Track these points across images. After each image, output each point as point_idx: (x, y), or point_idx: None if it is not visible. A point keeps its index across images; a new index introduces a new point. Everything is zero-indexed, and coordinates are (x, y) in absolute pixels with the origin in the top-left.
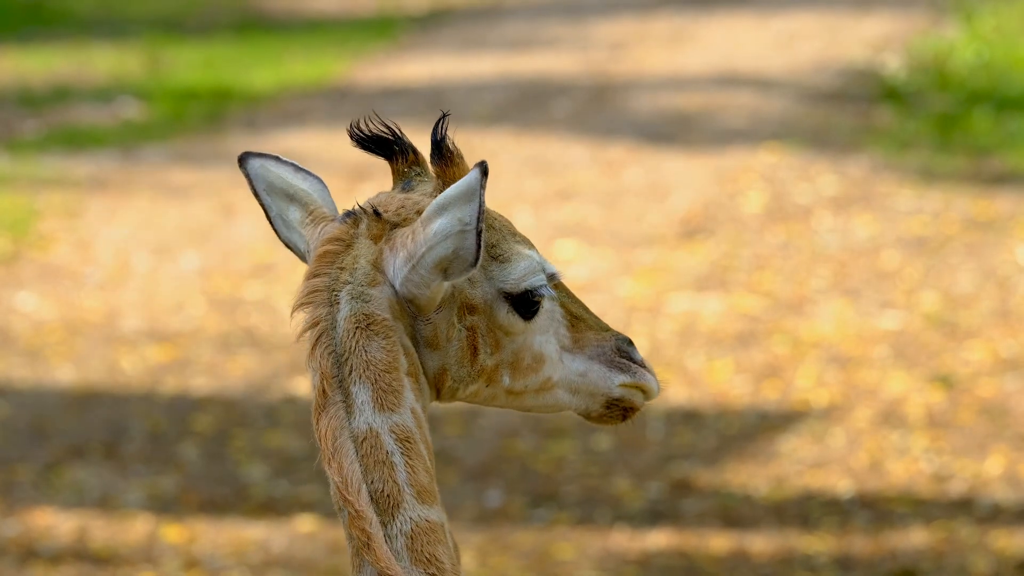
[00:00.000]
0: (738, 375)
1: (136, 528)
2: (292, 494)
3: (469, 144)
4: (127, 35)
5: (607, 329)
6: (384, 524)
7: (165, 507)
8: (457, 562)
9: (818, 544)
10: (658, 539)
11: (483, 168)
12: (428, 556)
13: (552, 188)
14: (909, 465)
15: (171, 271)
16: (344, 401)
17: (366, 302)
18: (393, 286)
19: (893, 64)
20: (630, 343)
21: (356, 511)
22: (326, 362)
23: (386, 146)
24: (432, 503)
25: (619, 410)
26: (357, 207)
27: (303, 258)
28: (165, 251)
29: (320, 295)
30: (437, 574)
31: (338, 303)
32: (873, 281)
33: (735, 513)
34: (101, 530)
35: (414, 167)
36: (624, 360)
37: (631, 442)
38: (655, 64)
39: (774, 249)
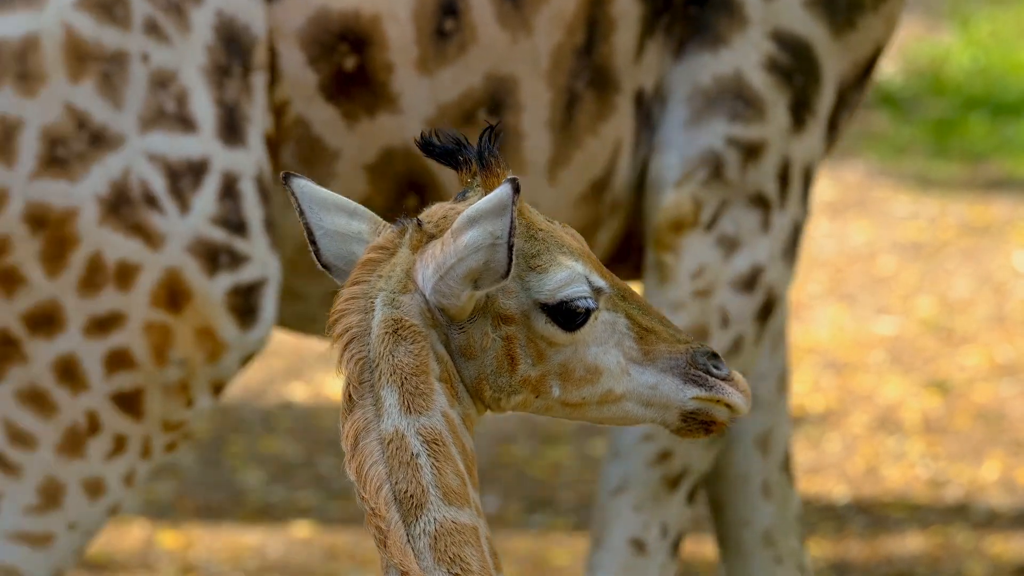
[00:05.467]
0: None
1: (132, 534)
2: (288, 500)
3: None
4: None
5: (685, 342)
6: (408, 524)
7: (161, 513)
8: (493, 568)
9: (814, 549)
10: None
11: (515, 184)
12: (452, 556)
13: None
14: (905, 470)
15: None
16: (375, 405)
17: (396, 308)
18: (424, 295)
19: (888, 69)
20: (713, 356)
21: (372, 508)
22: (353, 368)
23: (451, 157)
24: (462, 505)
25: (698, 423)
26: (404, 216)
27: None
28: None
29: (356, 302)
30: (461, 574)
31: (373, 310)
32: (869, 286)
33: None
34: (97, 536)
35: (476, 178)
36: (700, 373)
37: None
38: None
39: None
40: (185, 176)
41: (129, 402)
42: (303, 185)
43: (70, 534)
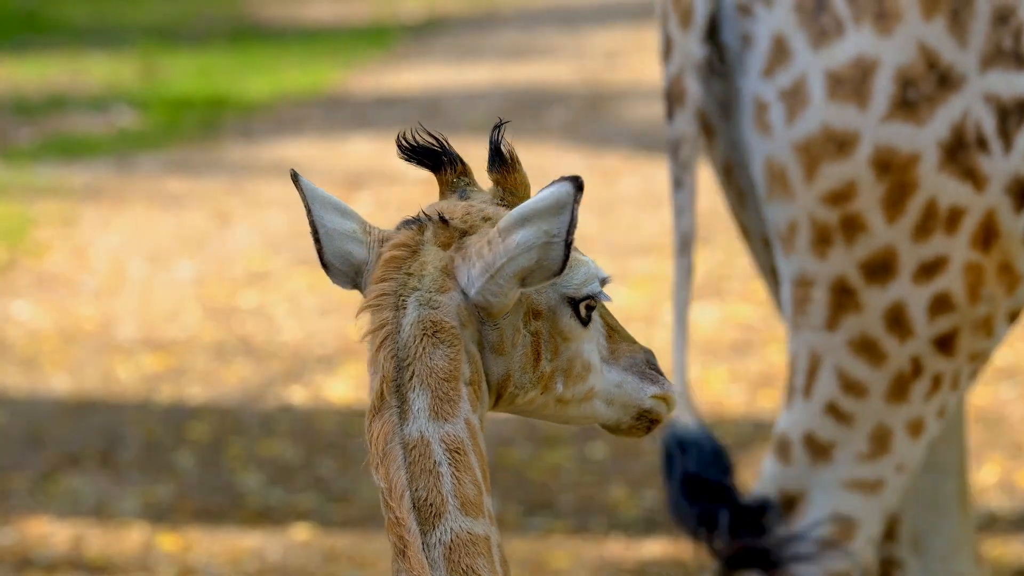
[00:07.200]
0: (734, 384)
1: (132, 537)
2: (287, 503)
3: (464, 153)
4: (122, 44)
5: (635, 342)
6: (424, 532)
7: (160, 516)
8: None
9: None
10: (653, 548)
11: (578, 183)
12: (466, 567)
13: None
14: None
15: (166, 279)
16: (399, 407)
17: (435, 308)
18: (465, 293)
19: None
20: (654, 355)
21: (396, 518)
22: (389, 366)
23: (434, 157)
24: (477, 516)
25: (646, 422)
26: (422, 214)
27: (348, 273)
28: (160, 259)
29: (387, 299)
30: None
31: (405, 308)
32: None
33: None
34: (97, 538)
35: (462, 177)
36: (653, 372)
37: (626, 451)
38: (650, 73)
39: None
40: (1013, 115)
41: (946, 343)
42: (308, 185)
43: (897, 477)
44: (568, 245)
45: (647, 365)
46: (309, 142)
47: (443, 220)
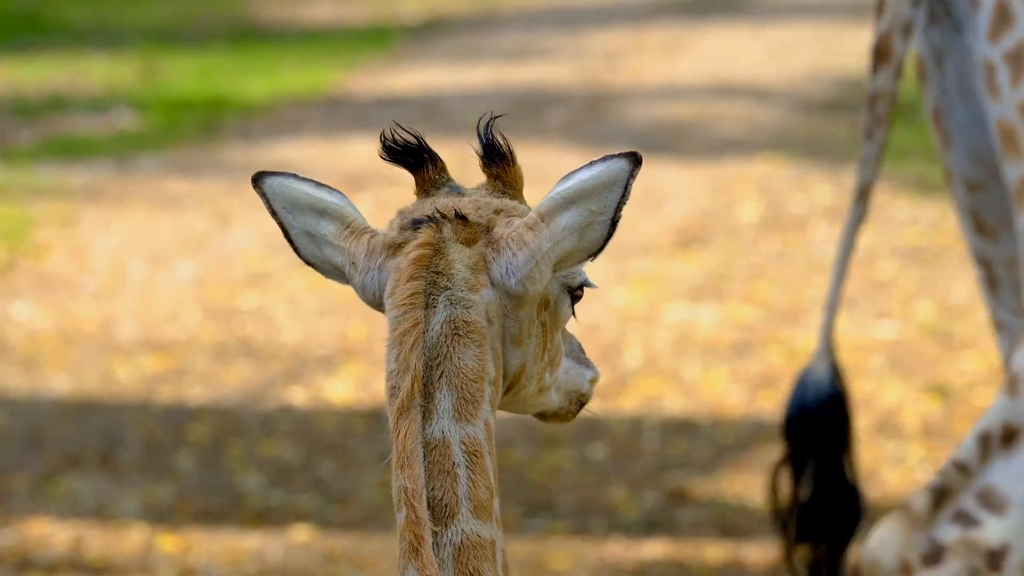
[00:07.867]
0: (734, 385)
1: (132, 538)
2: (287, 504)
3: (464, 153)
4: (122, 45)
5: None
6: (436, 533)
7: (160, 517)
8: None
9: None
10: (654, 549)
11: (635, 159)
12: (472, 570)
13: None
14: (904, 475)
15: (166, 280)
16: (424, 406)
17: (467, 308)
18: (500, 287)
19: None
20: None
21: (417, 517)
22: (419, 365)
23: (416, 155)
24: (486, 520)
25: (579, 406)
26: (436, 213)
27: (333, 272)
28: (160, 260)
29: (419, 298)
30: None
31: (435, 307)
32: (869, 291)
33: (731, 523)
34: (97, 540)
35: (443, 174)
36: (585, 356)
37: (626, 452)
38: (650, 74)
39: (770, 259)
40: None
41: None
42: (276, 184)
43: None
44: (614, 223)
45: (580, 350)
46: (309, 143)
47: (462, 217)
